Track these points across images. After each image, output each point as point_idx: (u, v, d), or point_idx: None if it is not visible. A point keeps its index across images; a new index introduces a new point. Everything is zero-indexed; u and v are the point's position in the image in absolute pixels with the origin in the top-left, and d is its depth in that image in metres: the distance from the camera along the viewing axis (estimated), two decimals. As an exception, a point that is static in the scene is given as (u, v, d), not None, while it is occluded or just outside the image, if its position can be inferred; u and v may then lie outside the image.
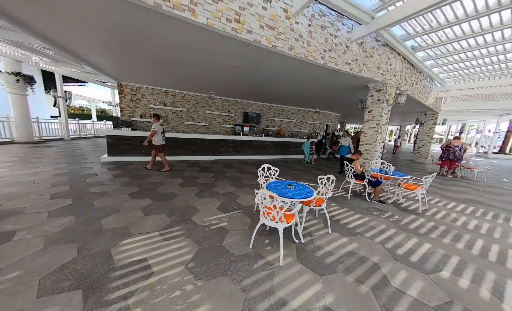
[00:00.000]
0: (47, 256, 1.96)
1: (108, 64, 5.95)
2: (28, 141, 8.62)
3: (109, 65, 6.13)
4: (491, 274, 2.05)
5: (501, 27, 4.52)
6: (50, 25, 3.63)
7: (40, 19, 3.42)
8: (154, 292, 1.62)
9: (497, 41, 5.26)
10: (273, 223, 2.09)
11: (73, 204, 3.13)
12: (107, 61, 5.71)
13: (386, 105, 5.79)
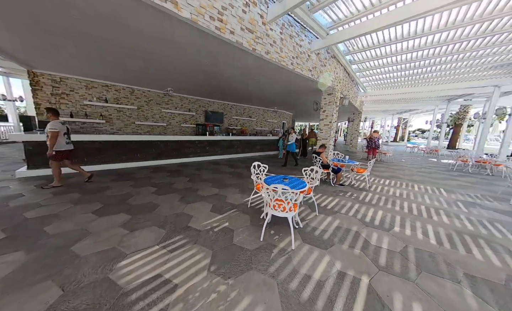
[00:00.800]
0: (16, 305, 1.44)
1: (14, 43, 4.20)
2: None
3: (15, 45, 4.35)
4: (418, 223, 3.12)
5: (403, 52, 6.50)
6: None
7: None
8: (188, 302, 1.55)
9: (399, 62, 7.50)
10: (283, 213, 2.35)
11: (10, 236, 2.27)
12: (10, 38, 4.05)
13: (335, 106, 7.13)
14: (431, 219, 3.26)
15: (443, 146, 18.16)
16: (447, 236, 2.71)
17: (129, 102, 8.28)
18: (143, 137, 6.75)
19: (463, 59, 6.97)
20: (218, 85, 7.37)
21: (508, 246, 2.51)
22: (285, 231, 2.65)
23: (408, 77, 9.45)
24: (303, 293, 1.69)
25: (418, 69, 8.24)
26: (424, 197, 4.42)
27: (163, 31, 3.28)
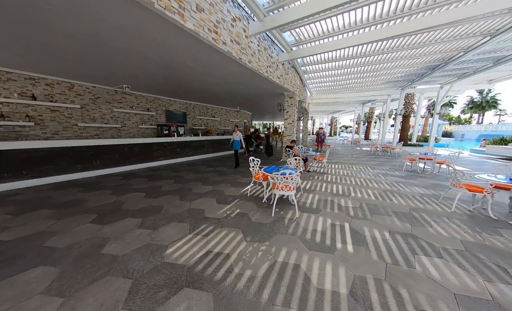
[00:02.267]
0: (100, 293, 1.49)
1: None
2: None
3: None
4: (362, 189, 4.66)
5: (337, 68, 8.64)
6: None
7: None
8: (245, 260, 2.04)
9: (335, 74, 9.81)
10: (289, 192, 3.12)
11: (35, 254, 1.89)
12: None
13: (295, 107, 8.57)
14: (368, 185, 4.92)
15: (362, 138, 24.32)
16: (379, 194, 4.30)
17: (68, 99, 6.75)
18: (102, 141, 5.85)
19: (369, 76, 10.01)
20: (181, 84, 7.16)
21: (407, 194, 4.31)
22: (286, 207, 3.44)
23: (339, 85, 12.39)
24: (316, 238, 2.52)
25: (344, 80, 11.05)
26: (360, 173, 6.34)
27: (139, 27, 2.99)
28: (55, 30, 3.14)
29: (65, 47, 3.80)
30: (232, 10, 3.84)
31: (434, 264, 2.07)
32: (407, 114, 14.57)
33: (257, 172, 4.13)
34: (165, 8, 2.54)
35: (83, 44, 3.66)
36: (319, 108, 23.14)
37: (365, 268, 1.99)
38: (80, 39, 3.45)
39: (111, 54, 4.25)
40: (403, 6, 4.13)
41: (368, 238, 2.55)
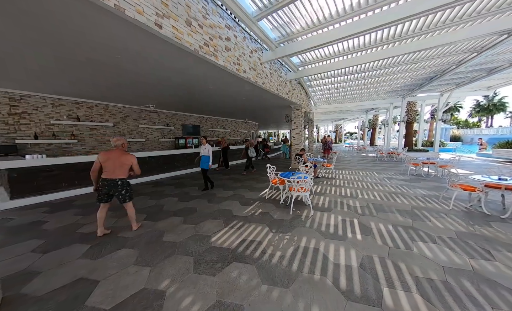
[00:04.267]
0: (175, 266, 2.09)
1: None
2: None
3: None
4: (369, 192, 5.13)
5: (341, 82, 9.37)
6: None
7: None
8: (274, 244, 2.60)
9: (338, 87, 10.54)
10: (304, 193, 3.69)
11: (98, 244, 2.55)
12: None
13: (302, 118, 9.26)
14: (374, 188, 5.38)
15: (367, 144, 24.55)
16: (384, 196, 4.76)
17: (104, 119, 7.75)
18: (136, 154, 6.65)
19: (371, 87, 10.66)
20: (198, 101, 8.04)
21: (410, 195, 4.75)
22: (301, 207, 3.98)
23: (342, 96, 13.08)
24: (329, 230, 3.04)
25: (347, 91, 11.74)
26: (366, 177, 6.79)
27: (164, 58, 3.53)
28: (105, 68, 4.03)
29: (108, 78, 4.70)
30: (250, 44, 4.67)
31: (429, 248, 2.55)
32: (410, 120, 14.94)
33: (273, 177, 4.73)
34: (205, 53, 3.33)
35: (124, 75, 4.53)
36: (323, 117, 23.87)
37: (371, 250, 2.50)
38: (123, 71, 4.29)
39: (146, 83, 5.17)
40: (394, 33, 4.84)
41: (374, 229, 3.05)
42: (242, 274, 2.07)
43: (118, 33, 2.67)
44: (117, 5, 2.10)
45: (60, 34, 2.68)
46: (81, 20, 2.36)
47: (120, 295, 1.80)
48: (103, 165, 2.74)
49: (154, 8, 2.47)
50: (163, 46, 3.00)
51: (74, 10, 2.19)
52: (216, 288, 1.88)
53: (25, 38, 2.77)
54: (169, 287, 1.90)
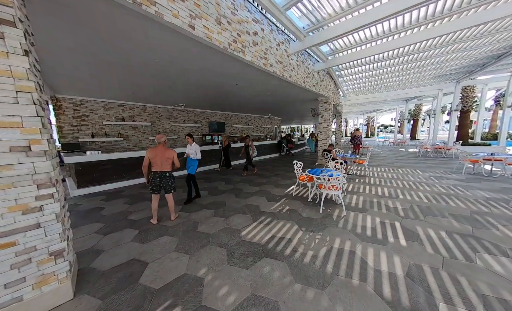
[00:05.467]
0: (211, 255, 2.24)
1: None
2: None
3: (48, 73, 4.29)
4: (412, 192, 4.55)
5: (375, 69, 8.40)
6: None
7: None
8: (305, 244, 2.52)
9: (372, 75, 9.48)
10: (335, 192, 3.47)
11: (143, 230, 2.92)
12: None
13: (330, 112, 8.68)
14: (418, 188, 4.74)
15: (407, 137, 21.70)
16: (433, 197, 4.15)
17: (143, 119, 8.66)
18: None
19: (413, 73, 9.24)
20: (223, 98, 8.21)
21: (468, 198, 4.03)
22: (332, 206, 3.77)
23: (376, 85, 11.73)
24: (366, 233, 2.80)
25: (383, 80, 10.44)
26: (407, 176, 6.02)
27: (196, 59, 3.78)
28: (144, 72, 4.41)
29: (146, 81, 5.16)
30: (277, 36, 4.53)
31: (499, 261, 2.12)
32: (465, 109, 12.56)
33: (301, 174, 4.58)
34: (233, 50, 3.36)
35: (159, 77, 4.91)
36: (353, 109, 21.94)
37: (420, 259, 2.21)
38: (158, 74, 4.64)
39: (178, 84, 5.51)
40: (451, 5, 4.04)
41: (422, 235, 2.68)
42: (274, 270, 2.07)
43: (157, 38, 2.89)
44: (157, 11, 2.26)
45: (114, 43, 3.04)
46: (131, 32, 2.63)
47: (166, 278, 2.00)
48: (152, 161, 3.07)
49: (188, 10, 2.58)
50: (195, 47, 3.13)
51: (126, 23, 2.44)
52: (250, 281, 1.92)
53: (88, 51, 3.24)
54: (206, 275, 2.02)
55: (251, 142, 6.99)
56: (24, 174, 1.52)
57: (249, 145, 7.04)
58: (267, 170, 7.76)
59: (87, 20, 2.42)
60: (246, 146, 7.15)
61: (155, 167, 3.11)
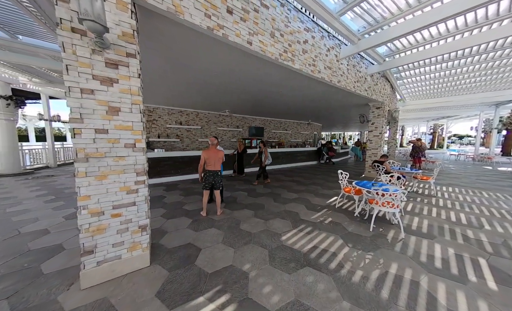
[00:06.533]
0: (254, 253, 2.40)
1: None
2: (16, 173, 7.27)
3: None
4: (505, 223, 3.50)
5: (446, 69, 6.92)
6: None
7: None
8: (352, 261, 2.33)
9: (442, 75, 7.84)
10: (392, 209, 3.06)
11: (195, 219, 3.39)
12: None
13: (384, 118, 7.67)
14: (516, 221, 3.59)
15: (494, 152, 16.60)
16: (540, 234, 3.07)
17: (195, 123, 9.96)
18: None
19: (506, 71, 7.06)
20: (264, 104, 8.48)
21: None
22: (385, 226, 3.32)
23: (448, 87, 9.55)
24: (434, 263, 2.34)
25: (459, 80, 8.41)
26: (499, 202, 4.62)
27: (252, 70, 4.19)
28: (209, 85, 5.08)
29: (203, 91, 5.93)
30: (328, 42, 4.43)
31: None
32: None
33: (346, 185, 4.24)
34: (284, 59, 3.51)
35: (214, 88, 5.56)
36: (413, 115, 18.49)
37: (521, 312, 1.69)
38: (214, 85, 5.27)
39: (228, 92, 6.09)
40: None
41: (523, 283, 2.04)
42: (318, 282, 2.01)
43: (221, 56, 3.36)
44: (224, 34, 2.64)
45: (185, 62, 3.72)
46: (201, 52, 3.17)
47: (216, 265, 2.26)
48: (207, 161, 3.54)
49: (247, 29, 2.89)
50: (249, 59, 3.44)
51: (197, 46, 2.97)
52: (293, 286, 1.94)
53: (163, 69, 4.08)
54: (251, 271, 2.16)
55: (266, 149, 6.38)
56: (130, 164, 2.06)
57: (263, 151, 6.44)
58: (305, 178, 7.51)
59: (171, 45, 3.06)
60: (260, 152, 6.64)
61: (209, 166, 3.56)
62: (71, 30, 1.67)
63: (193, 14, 2.38)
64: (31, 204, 4.19)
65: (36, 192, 5.12)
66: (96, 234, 1.90)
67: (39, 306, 1.66)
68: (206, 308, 1.69)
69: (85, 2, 1.44)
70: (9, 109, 7.01)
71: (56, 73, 6.88)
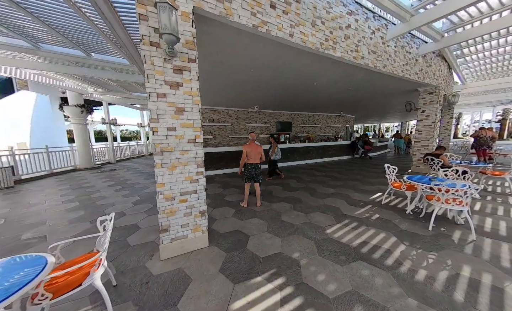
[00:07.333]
0: (296, 243, 2.48)
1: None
2: (89, 167, 9.00)
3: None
4: None
5: None
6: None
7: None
8: (413, 261, 2.17)
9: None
10: (459, 207, 2.69)
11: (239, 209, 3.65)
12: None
13: (438, 105, 6.62)
14: None
15: None
16: None
17: (226, 120, 10.44)
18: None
19: None
20: (293, 98, 8.21)
21: None
22: (447, 225, 2.94)
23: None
24: (520, 271, 1.99)
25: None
26: None
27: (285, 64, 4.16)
28: (243, 82, 5.25)
29: (236, 89, 6.13)
30: (373, 24, 4.05)
31: None
32: None
33: (394, 180, 3.89)
34: (324, 48, 3.38)
35: (248, 85, 5.69)
36: (474, 100, 15.28)
37: None
38: (248, 81, 5.39)
39: (260, 89, 6.17)
40: None
41: None
42: (375, 276, 1.95)
43: (260, 53, 3.44)
44: (268, 29, 2.70)
45: (227, 62, 3.95)
46: (244, 51, 3.31)
47: (266, 251, 2.41)
48: (249, 155, 3.75)
49: (289, 21, 2.89)
50: (288, 53, 3.43)
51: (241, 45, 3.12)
52: (348, 278, 1.93)
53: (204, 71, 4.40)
54: (301, 259, 2.24)
55: (275, 144, 6.11)
56: (192, 157, 2.34)
57: (271, 146, 6.22)
58: (340, 173, 7.13)
59: (215, 48, 3.29)
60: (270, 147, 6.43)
61: (250, 160, 3.74)
62: (149, 44, 1.97)
63: (241, 15, 2.50)
64: (106, 192, 5.15)
65: (107, 182, 6.24)
66: (169, 216, 2.25)
67: (134, 269, 2.09)
68: (265, 287, 1.84)
69: (164, 18, 1.68)
70: (83, 116, 8.65)
71: (115, 82, 8.11)
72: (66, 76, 7.19)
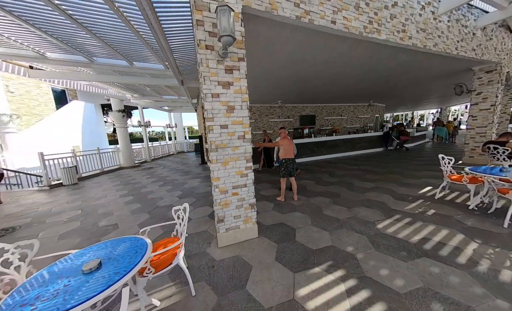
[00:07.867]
0: (345, 238, 2.43)
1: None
2: (131, 166, 10.06)
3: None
4: None
5: None
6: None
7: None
8: (492, 260, 1.94)
9: None
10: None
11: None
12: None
13: (500, 84, 5.66)
14: None
15: None
16: None
17: (249, 116, 10.55)
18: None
19: None
20: (316, 90, 7.90)
21: None
22: (527, 223, 2.55)
23: None
24: None
25: None
26: None
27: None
28: (271, 77, 5.22)
29: (264, 86, 6.11)
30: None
31: None
32: None
33: (450, 172, 3.49)
34: (368, 32, 3.14)
35: (278, 80, 5.61)
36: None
37: None
38: (280, 75, 5.32)
39: (288, 82, 6.04)
40: None
41: None
42: (448, 274, 1.80)
43: (300, 44, 3.38)
44: (310, 19, 2.62)
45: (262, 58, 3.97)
46: (282, 44, 3.29)
47: (317, 243, 2.41)
48: (284, 148, 3.76)
49: (331, 8, 2.75)
50: (328, 41, 3.29)
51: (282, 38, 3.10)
52: (416, 274, 1.82)
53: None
54: (357, 253, 2.18)
55: (267, 138, 7.01)
56: (241, 153, 2.44)
57: (265, 139, 6.98)
58: (375, 166, 6.66)
59: (257, 44, 3.32)
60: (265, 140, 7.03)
61: (287, 155, 3.75)
62: (205, 48, 2.09)
63: (285, 7, 2.46)
64: (152, 187, 5.71)
65: (149, 179, 6.90)
66: (224, 208, 2.40)
67: (199, 254, 2.30)
68: (326, 277, 1.85)
69: (224, 21, 1.76)
70: (124, 120, 9.63)
71: (149, 87, 8.82)
72: (110, 84, 8.06)
